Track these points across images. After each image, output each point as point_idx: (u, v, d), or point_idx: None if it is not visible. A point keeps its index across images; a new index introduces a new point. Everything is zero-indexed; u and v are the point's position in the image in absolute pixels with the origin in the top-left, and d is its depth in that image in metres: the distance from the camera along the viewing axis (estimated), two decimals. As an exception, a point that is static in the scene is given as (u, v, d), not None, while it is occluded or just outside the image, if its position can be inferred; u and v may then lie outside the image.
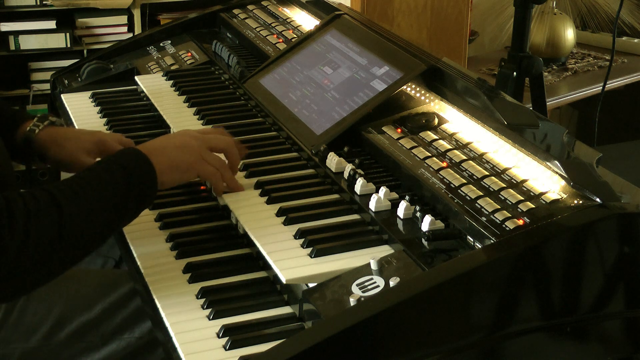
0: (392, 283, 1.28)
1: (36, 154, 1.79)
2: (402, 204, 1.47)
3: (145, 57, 2.36)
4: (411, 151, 1.60)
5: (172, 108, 2.00)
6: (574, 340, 1.36)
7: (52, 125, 1.79)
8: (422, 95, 1.76)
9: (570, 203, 1.36)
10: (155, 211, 1.65)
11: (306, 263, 1.39)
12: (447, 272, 1.24)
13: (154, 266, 1.50)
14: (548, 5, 3.44)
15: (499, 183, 1.44)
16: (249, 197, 1.60)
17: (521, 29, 2.44)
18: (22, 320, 1.59)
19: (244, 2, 2.47)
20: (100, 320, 1.61)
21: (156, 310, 1.40)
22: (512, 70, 2.45)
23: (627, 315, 1.38)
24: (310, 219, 1.51)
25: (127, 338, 1.62)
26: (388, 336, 1.21)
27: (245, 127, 1.88)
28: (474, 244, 1.37)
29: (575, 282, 1.32)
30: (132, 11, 3.74)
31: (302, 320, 1.34)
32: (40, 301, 1.60)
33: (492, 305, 1.27)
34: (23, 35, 3.65)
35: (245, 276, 1.48)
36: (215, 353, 1.29)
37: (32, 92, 3.77)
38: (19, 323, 1.59)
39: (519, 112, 1.61)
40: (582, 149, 1.51)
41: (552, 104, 3.12)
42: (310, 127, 1.77)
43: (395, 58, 1.82)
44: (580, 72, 3.45)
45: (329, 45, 1.99)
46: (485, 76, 3.35)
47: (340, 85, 1.84)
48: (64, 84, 2.29)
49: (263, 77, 2.02)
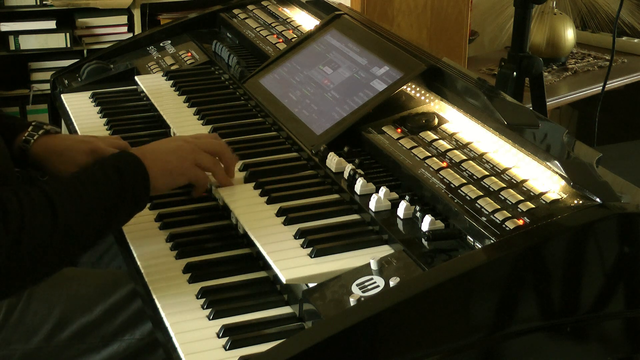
0: (392, 283, 1.28)
1: (32, 166, 1.79)
2: (402, 204, 1.47)
3: (145, 57, 2.36)
4: (411, 151, 1.60)
5: (172, 108, 2.00)
6: (574, 340, 1.36)
7: (47, 134, 1.77)
8: (422, 95, 1.76)
9: (570, 203, 1.36)
10: (155, 211, 1.65)
11: (306, 263, 1.39)
12: (447, 272, 1.24)
13: (154, 266, 1.50)
14: (548, 5, 3.44)
15: (499, 183, 1.44)
16: (249, 197, 1.60)
17: (521, 29, 2.44)
18: (22, 321, 1.59)
19: (244, 2, 2.46)
20: (101, 322, 1.61)
21: (156, 310, 1.40)
22: (512, 70, 2.45)
23: (627, 315, 1.38)
24: (310, 219, 1.51)
25: (128, 339, 1.62)
26: (388, 336, 1.21)
27: (245, 127, 1.88)
28: (474, 244, 1.37)
29: (575, 282, 1.32)
30: (132, 11, 3.74)
31: (302, 320, 1.34)
32: (41, 302, 1.60)
33: (492, 305, 1.27)
34: (23, 35, 3.65)
35: (245, 276, 1.48)
36: (215, 353, 1.29)
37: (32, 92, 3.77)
38: (19, 324, 1.59)
39: (519, 112, 1.61)
40: (582, 149, 1.51)
41: (552, 104, 3.12)
42: (310, 127, 1.77)
43: (395, 58, 1.82)
44: (580, 72, 3.45)
45: (329, 45, 1.99)
46: (485, 76, 3.35)
47: (340, 85, 1.84)
48: (64, 84, 2.29)
49: (263, 77, 2.02)
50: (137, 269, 1.50)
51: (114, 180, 1.45)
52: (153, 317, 1.41)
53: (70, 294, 1.62)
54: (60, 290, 1.62)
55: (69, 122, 2.10)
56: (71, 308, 1.61)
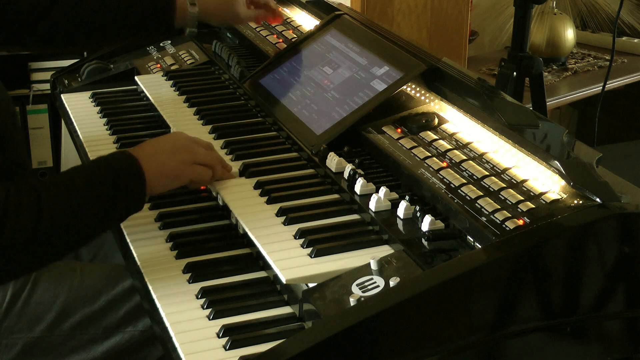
0: (392, 283, 1.28)
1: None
2: (402, 204, 1.47)
3: (145, 57, 2.36)
4: (411, 151, 1.60)
5: (172, 108, 2.00)
6: (574, 340, 1.36)
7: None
8: (422, 95, 1.76)
9: (570, 203, 1.36)
10: (155, 211, 1.65)
11: (306, 263, 1.39)
12: (447, 272, 1.24)
13: (154, 265, 1.50)
14: (548, 5, 3.44)
15: (499, 183, 1.44)
16: (249, 197, 1.60)
17: (521, 29, 2.44)
18: (25, 310, 1.61)
19: (244, 2, 2.46)
20: (104, 313, 1.63)
21: (156, 309, 1.40)
22: (512, 70, 2.45)
23: (627, 315, 1.38)
24: (310, 219, 1.51)
25: (130, 331, 1.63)
26: (388, 336, 1.21)
27: (245, 127, 1.88)
28: (474, 244, 1.37)
29: (575, 282, 1.32)
30: (132, 11, 3.73)
31: (302, 320, 1.34)
32: (45, 291, 1.62)
33: (492, 305, 1.27)
34: (23, 35, 3.64)
35: (245, 276, 1.48)
36: (215, 353, 1.29)
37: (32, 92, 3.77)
38: (22, 313, 1.61)
39: (519, 112, 1.61)
40: (582, 149, 1.51)
41: (552, 104, 3.12)
42: (310, 127, 1.77)
43: (395, 58, 1.82)
44: (580, 72, 3.45)
45: (329, 45, 1.99)
46: (485, 76, 3.35)
47: (340, 85, 1.84)
48: (64, 84, 2.29)
49: (263, 77, 2.02)
50: (137, 268, 1.50)
51: (109, 181, 1.45)
52: (153, 316, 1.41)
53: (73, 284, 1.64)
54: (64, 280, 1.64)
55: (69, 122, 2.11)
56: (74, 298, 1.63)
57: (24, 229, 1.35)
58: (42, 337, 1.62)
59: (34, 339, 1.61)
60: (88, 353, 1.63)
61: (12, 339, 1.60)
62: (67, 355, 1.63)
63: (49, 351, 1.62)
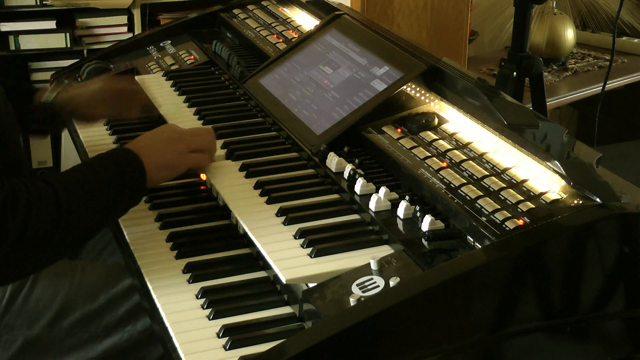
0: (392, 283, 1.28)
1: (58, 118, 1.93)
2: (402, 204, 1.47)
3: (145, 57, 2.35)
4: (411, 151, 1.60)
5: (172, 108, 2.00)
6: (574, 340, 1.36)
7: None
8: (422, 95, 1.76)
9: (570, 203, 1.36)
10: (155, 211, 1.65)
11: (306, 263, 1.39)
12: (447, 272, 1.24)
13: (154, 265, 1.50)
14: (548, 5, 3.44)
15: (499, 183, 1.44)
16: (249, 197, 1.60)
17: (521, 29, 2.44)
18: (25, 307, 1.62)
19: (244, 2, 2.46)
20: (104, 311, 1.63)
21: (156, 309, 1.40)
22: (512, 70, 2.45)
23: (627, 315, 1.38)
24: (310, 219, 1.51)
25: (130, 330, 1.64)
26: (388, 336, 1.21)
27: (245, 127, 1.88)
28: (474, 244, 1.37)
29: (575, 282, 1.32)
30: (132, 11, 3.74)
31: (302, 320, 1.35)
32: (45, 289, 1.62)
33: (492, 305, 1.27)
34: (23, 35, 3.65)
35: (245, 276, 1.48)
36: (215, 353, 1.29)
37: (32, 92, 3.77)
38: (22, 310, 1.62)
39: (519, 112, 1.61)
40: (582, 149, 1.51)
41: (552, 104, 3.12)
42: (310, 127, 1.77)
43: (395, 58, 1.82)
44: (580, 72, 3.45)
45: (329, 45, 1.99)
46: (485, 76, 3.35)
47: (340, 85, 1.84)
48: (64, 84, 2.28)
49: (263, 77, 2.02)
50: (137, 268, 1.50)
51: (114, 174, 1.49)
52: (153, 316, 1.41)
53: (74, 282, 1.65)
54: (64, 278, 1.65)
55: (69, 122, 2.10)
56: (74, 296, 1.64)
57: (46, 222, 1.38)
58: (41, 334, 1.62)
59: (34, 336, 1.62)
60: (87, 351, 1.64)
61: (12, 335, 1.61)
62: (67, 353, 1.64)
63: (48, 349, 1.63)
